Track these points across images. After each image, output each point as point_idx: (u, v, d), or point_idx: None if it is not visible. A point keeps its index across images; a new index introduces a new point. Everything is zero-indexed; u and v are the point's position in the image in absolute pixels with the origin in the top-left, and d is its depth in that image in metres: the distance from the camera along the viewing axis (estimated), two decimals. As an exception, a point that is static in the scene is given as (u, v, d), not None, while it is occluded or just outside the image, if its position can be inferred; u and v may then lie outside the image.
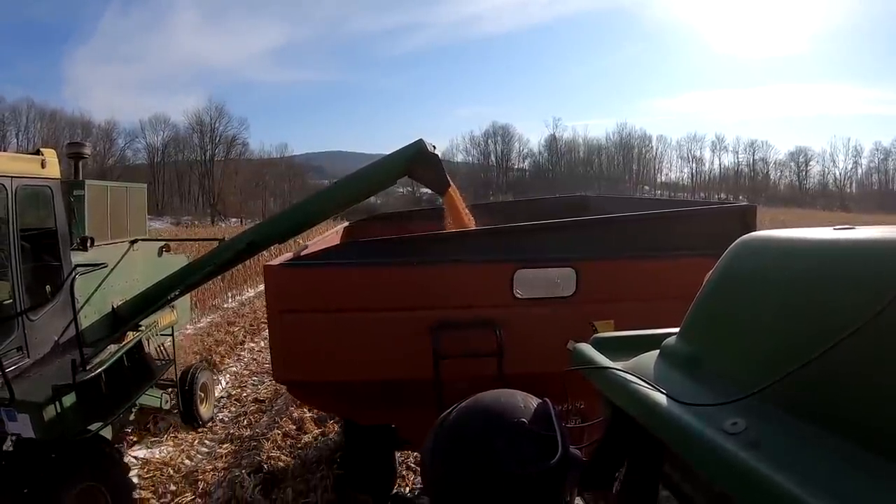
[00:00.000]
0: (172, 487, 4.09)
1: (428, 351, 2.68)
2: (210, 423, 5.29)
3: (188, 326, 8.37)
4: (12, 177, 3.01)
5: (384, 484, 3.60)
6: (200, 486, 4.09)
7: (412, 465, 4.16)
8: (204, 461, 4.55)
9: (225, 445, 4.85)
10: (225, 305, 11.28)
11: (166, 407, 4.73)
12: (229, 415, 5.66)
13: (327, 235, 4.75)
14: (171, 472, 4.33)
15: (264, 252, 4.31)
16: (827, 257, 1.02)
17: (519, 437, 0.73)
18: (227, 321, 9.67)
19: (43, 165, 3.23)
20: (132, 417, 4.45)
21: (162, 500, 3.95)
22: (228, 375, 6.89)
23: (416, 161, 3.40)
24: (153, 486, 4.12)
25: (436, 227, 3.67)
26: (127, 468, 3.38)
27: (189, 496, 3.98)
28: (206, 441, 4.97)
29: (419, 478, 3.81)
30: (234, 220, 43.89)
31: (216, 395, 5.93)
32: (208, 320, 9.77)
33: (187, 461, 4.53)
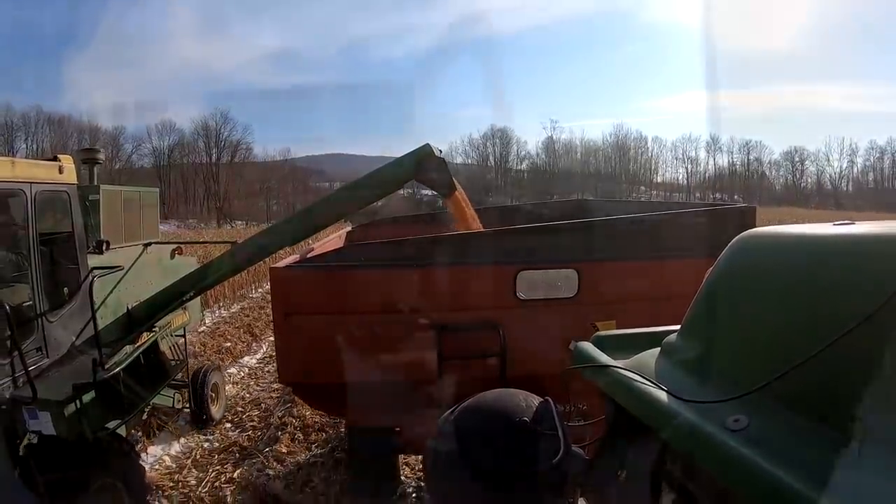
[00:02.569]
0: (240, 409, 5.61)
1: (432, 352, 2.70)
2: (258, 374, 6.82)
3: (224, 311, 10.12)
4: (31, 183, 3.10)
5: (388, 487, 3.63)
6: (263, 406, 5.58)
7: (415, 467, 4.21)
8: (263, 393, 6.15)
9: (275, 385, 6.20)
10: (251, 295, 12.29)
11: (178, 406, 4.80)
12: (273, 368, 6.81)
13: (331, 239, 4.79)
14: (240, 400, 5.91)
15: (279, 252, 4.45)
16: (826, 253, 1.00)
17: (521, 435, 0.73)
18: (258, 306, 10.81)
19: (60, 171, 3.31)
20: (144, 417, 4.53)
21: (234, 417, 5.41)
22: (266, 343, 8.17)
23: (424, 165, 3.44)
24: (228, 409, 5.51)
25: (439, 231, 3.70)
26: (143, 466, 3.45)
27: (256, 412, 5.49)
28: (261, 383, 6.53)
29: (422, 479, 3.86)
30: (238, 222, 44.15)
31: (259, 356, 7.60)
32: (240, 306, 10.92)
33: (247, 395, 6.19)
